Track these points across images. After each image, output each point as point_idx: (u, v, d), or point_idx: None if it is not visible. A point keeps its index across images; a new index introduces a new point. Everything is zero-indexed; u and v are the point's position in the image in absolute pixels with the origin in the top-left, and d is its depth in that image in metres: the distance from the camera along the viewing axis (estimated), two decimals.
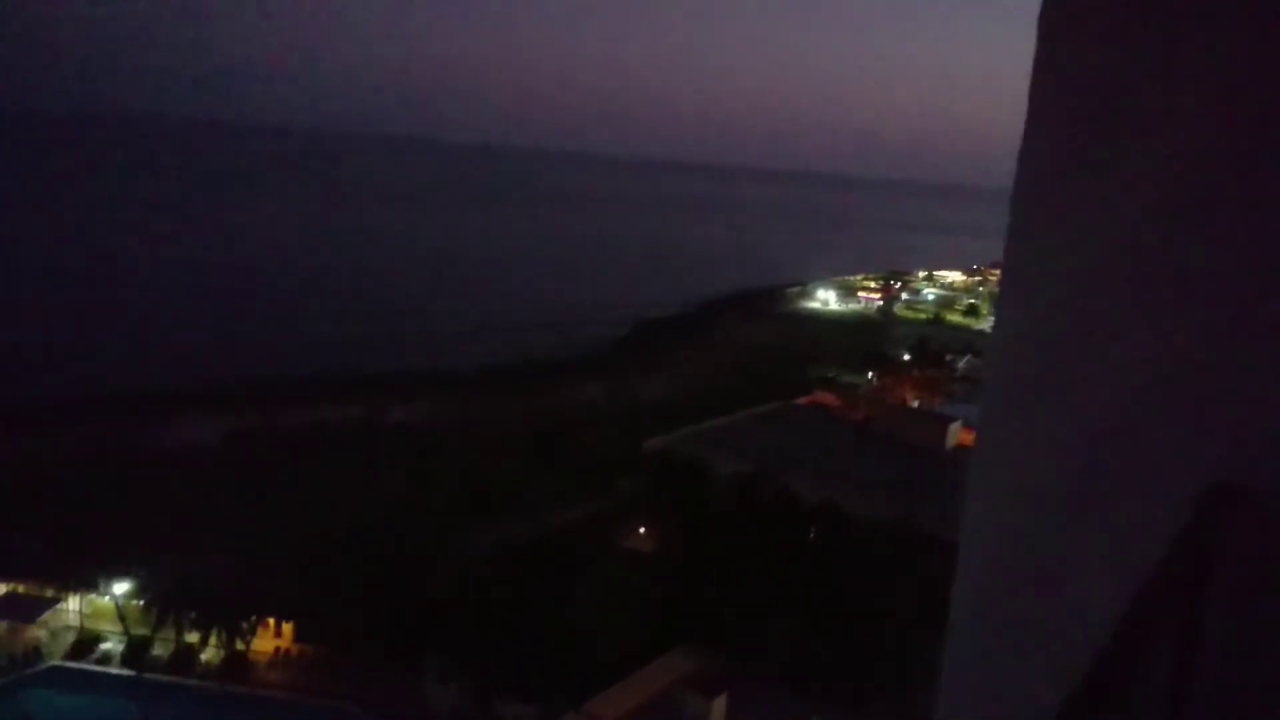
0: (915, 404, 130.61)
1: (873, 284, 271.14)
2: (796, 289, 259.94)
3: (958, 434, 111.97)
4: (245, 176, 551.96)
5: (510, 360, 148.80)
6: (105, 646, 59.84)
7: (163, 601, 59.83)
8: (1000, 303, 3.07)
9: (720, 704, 48.58)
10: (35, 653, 58.84)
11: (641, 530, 73.53)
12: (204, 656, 58.91)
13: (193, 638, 59.25)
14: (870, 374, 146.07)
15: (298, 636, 60.84)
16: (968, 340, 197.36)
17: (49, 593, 62.35)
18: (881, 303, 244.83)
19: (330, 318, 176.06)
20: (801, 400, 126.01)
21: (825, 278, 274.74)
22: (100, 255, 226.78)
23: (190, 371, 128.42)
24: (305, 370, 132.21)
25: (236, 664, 58.16)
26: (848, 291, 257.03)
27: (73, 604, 62.70)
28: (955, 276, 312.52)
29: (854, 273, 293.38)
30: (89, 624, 62.00)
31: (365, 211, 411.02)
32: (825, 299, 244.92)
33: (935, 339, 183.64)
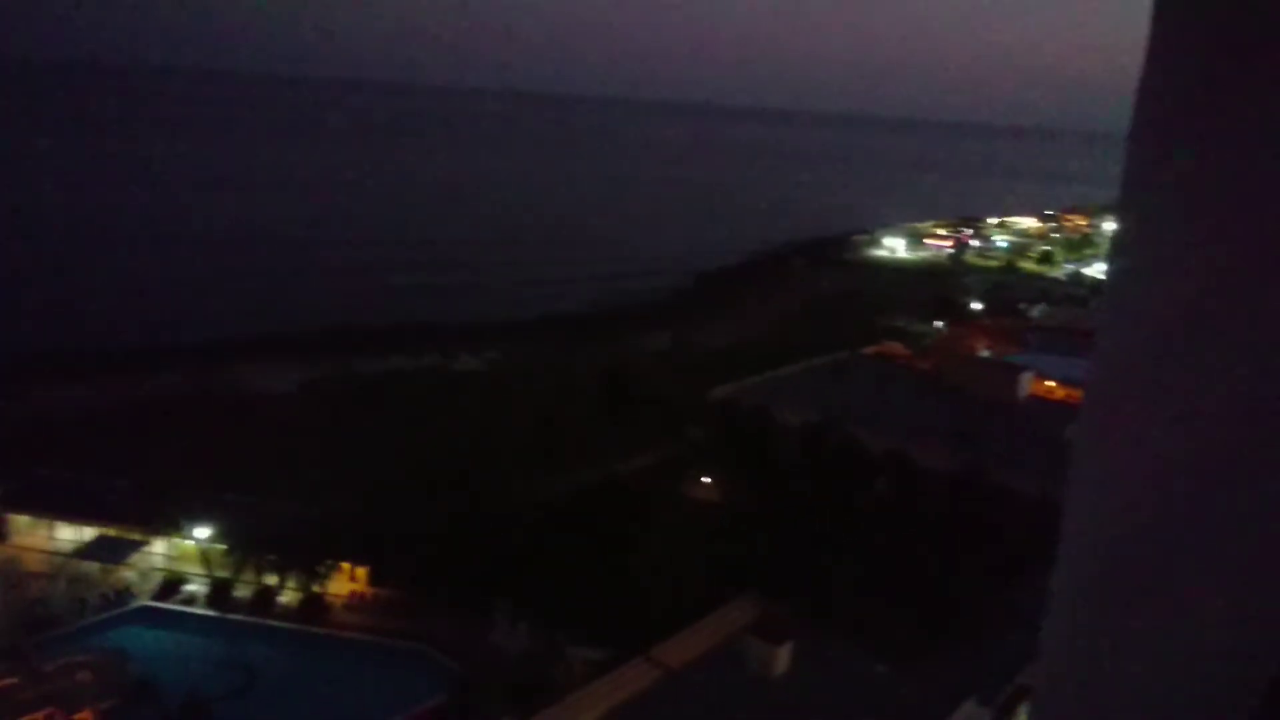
0: (986, 354, 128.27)
1: (943, 231, 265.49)
2: (865, 236, 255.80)
3: (1029, 384, 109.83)
4: (306, 130, 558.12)
5: (578, 309, 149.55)
6: (190, 588, 62.25)
7: (243, 545, 61.99)
8: (1107, 302, 2.78)
9: (785, 651, 48.93)
10: (126, 592, 61.53)
11: (707, 480, 73.88)
12: (282, 599, 60.97)
13: (272, 580, 61.34)
14: (939, 323, 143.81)
15: (372, 580, 62.61)
16: (1042, 288, 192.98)
17: (137, 535, 64.94)
18: (952, 250, 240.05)
19: (400, 268, 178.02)
20: (869, 350, 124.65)
21: (894, 224, 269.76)
22: (174, 211, 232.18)
23: (266, 321, 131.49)
24: (377, 320, 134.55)
25: (314, 606, 60.09)
26: (917, 239, 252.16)
27: (159, 546, 65.25)
28: (1029, 223, 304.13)
29: (923, 219, 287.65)
30: (175, 566, 64.52)
31: (429, 162, 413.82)
32: (894, 247, 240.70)
33: (1008, 287, 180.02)
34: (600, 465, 73.45)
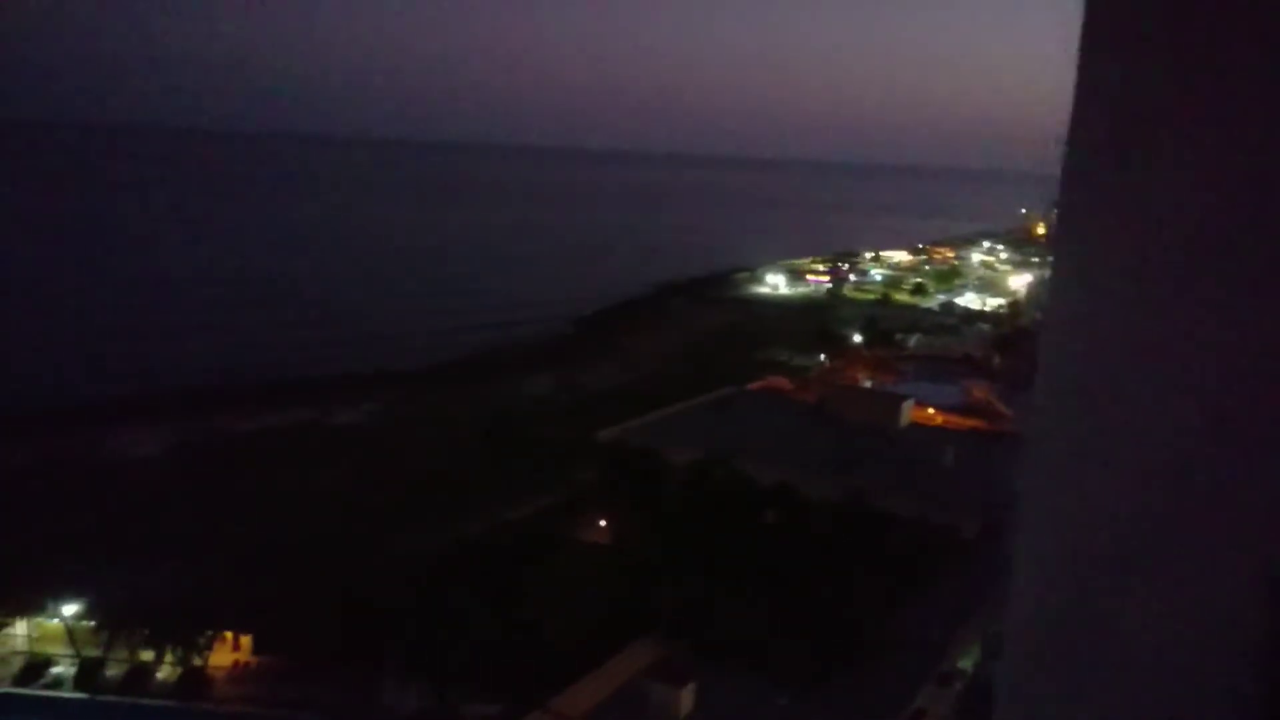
0: (867, 384, 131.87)
1: (821, 266, 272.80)
2: (745, 274, 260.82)
3: (909, 412, 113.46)
4: (189, 181, 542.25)
5: (457, 356, 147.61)
6: (56, 670, 58.37)
7: (114, 620, 58.52)
8: (1044, 331, 2.68)
9: (688, 693, 48.72)
10: None
11: (600, 523, 73.42)
12: (160, 675, 57.70)
13: (147, 656, 58.03)
14: (821, 356, 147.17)
15: (256, 648, 59.89)
16: (915, 318, 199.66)
17: None
18: (830, 285, 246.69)
19: (271, 321, 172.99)
20: (753, 385, 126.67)
21: (773, 261, 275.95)
22: (38, 265, 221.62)
23: (130, 380, 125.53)
24: (248, 376, 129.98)
25: (194, 680, 57.04)
26: (796, 275, 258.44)
27: (19, 628, 61.08)
28: (901, 256, 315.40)
29: (801, 256, 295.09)
30: (37, 647, 60.45)
31: (313, 211, 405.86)
32: (774, 283, 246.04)
33: (884, 318, 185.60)
34: (488, 513, 72.31)
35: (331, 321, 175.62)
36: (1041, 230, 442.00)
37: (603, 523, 73.29)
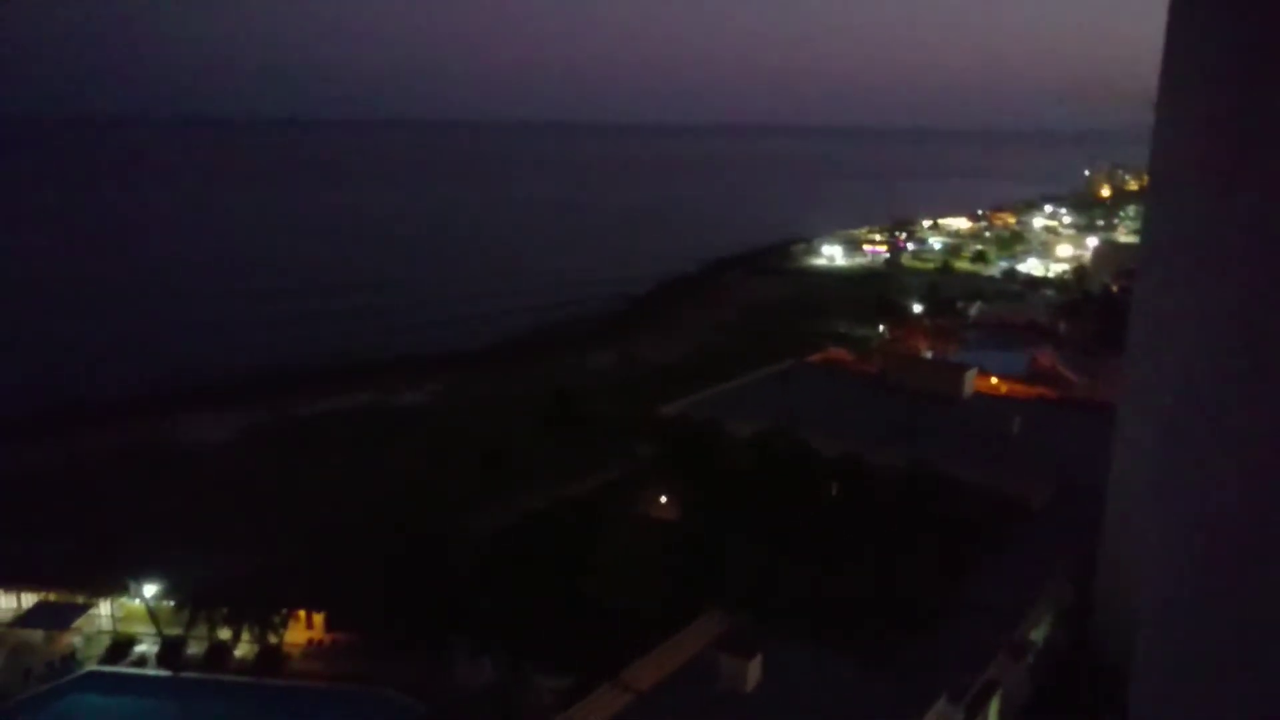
0: (928, 354, 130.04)
1: (878, 236, 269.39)
2: (801, 245, 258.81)
3: (973, 381, 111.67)
4: (240, 171, 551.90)
5: (515, 335, 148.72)
6: (140, 648, 60.29)
7: (193, 601, 60.21)
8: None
9: (756, 665, 48.63)
10: (71, 658, 59.43)
11: (662, 498, 73.52)
12: (238, 652, 59.31)
13: (225, 634, 59.62)
14: (881, 326, 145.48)
15: (330, 626, 61.18)
16: (977, 286, 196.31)
17: (80, 599, 62.80)
18: (888, 254, 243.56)
19: (329, 306, 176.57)
20: (814, 357, 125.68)
21: (829, 232, 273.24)
22: (103, 259, 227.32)
23: (203, 368, 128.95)
24: (311, 360, 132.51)
25: (271, 657, 58.52)
26: (853, 245, 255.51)
27: (105, 608, 63.18)
28: (961, 223, 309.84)
29: (859, 225, 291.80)
30: (122, 627, 62.51)
31: (362, 195, 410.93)
32: (831, 254, 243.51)
33: (945, 287, 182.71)
34: (552, 489, 72.84)
35: (389, 305, 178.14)
36: (1105, 192, 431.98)
37: (665, 497, 73.43)
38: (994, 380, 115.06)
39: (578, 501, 69.73)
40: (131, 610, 63.38)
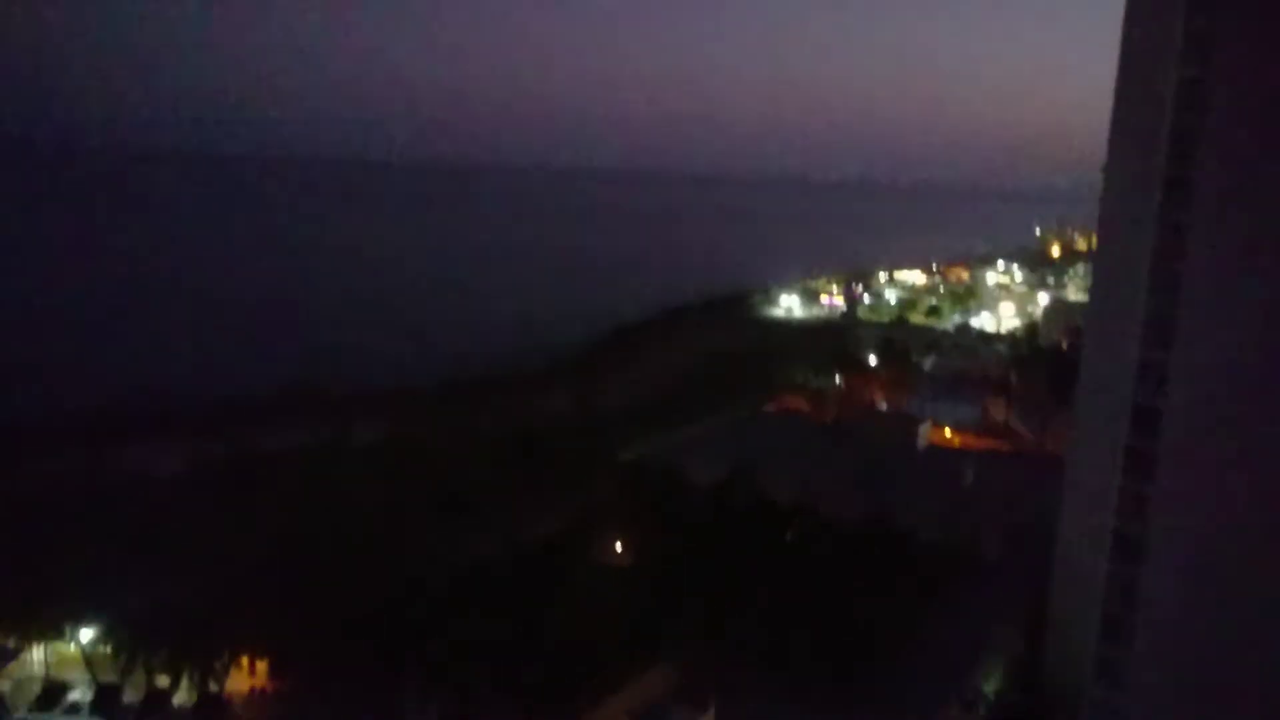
0: (884, 405, 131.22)
1: (835, 287, 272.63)
2: (760, 295, 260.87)
3: (928, 432, 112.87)
4: (204, 204, 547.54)
5: (475, 373, 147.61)
6: (73, 696, 58.06)
7: (131, 645, 58.25)
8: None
9: (709, 718, 48.13)
10: None
11: (619, 542, 72.91)
12: (177, 700, 57.36)
13: (164, 681, 57.70)
14: (838, 377, 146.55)
15: (273, 672, 59.54)
16: (931, 339, 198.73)
17: (11, 643, 60.53)
18: (845, 307, 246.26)
19: (290, 339, 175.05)
20: (771, 405, 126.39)
21: (787, 281, 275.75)
22: (53, 282, 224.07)
23: (150, 397, 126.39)
24: (269, 391, 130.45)
25: (212, 705, 56.65)
26: (811, 295, 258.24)
27: (37, 654, 60.92)
28: (916, 276, 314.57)
29: (815, 275, 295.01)
30: (55, 672, 60.25)
31: (331, 232, 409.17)
32: (789, 304, 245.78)
33: (900, 339, 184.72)
34: (507, 533, 71.92)
35: (350, 339, 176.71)
36: (1056, 251, 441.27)
37: (622, 541, 72.83)
38: (948, 431, 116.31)
39: (534, 545, 68.99)
40: (66, 655, 61.20)
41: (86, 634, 59.80)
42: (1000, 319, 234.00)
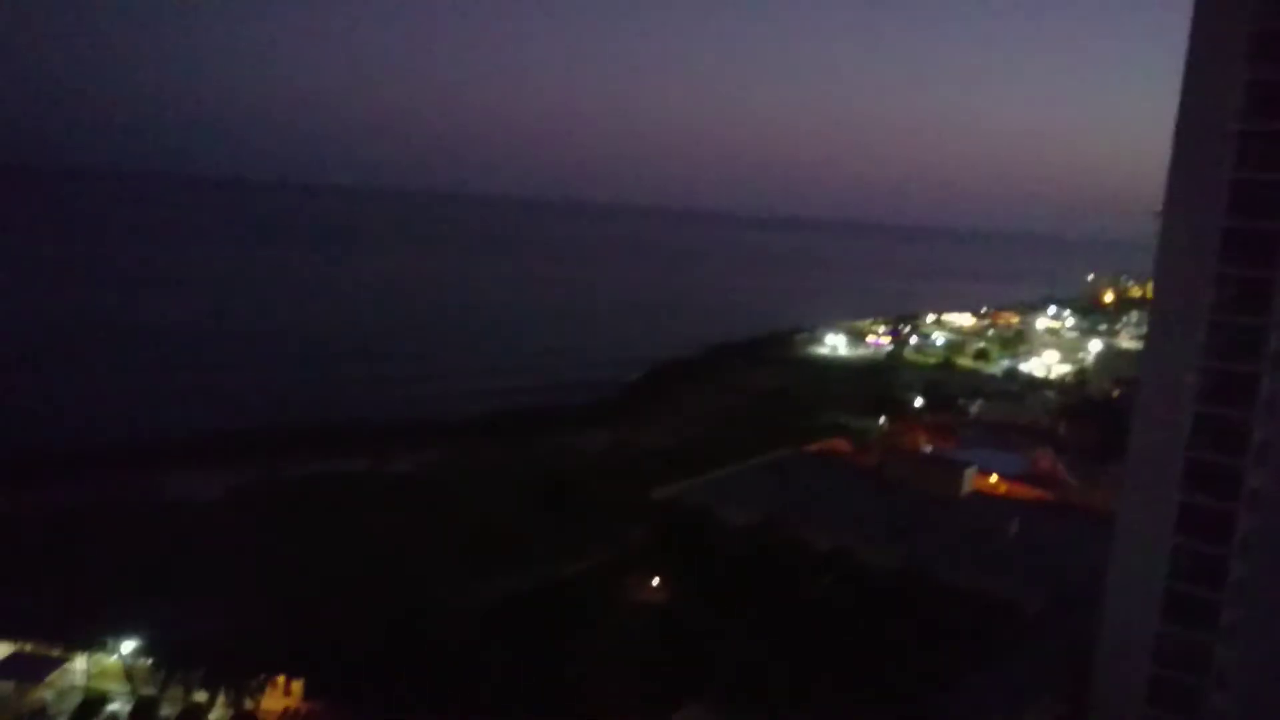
0: (928, 449, 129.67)
1: (881, 328, 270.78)
2: (804, 334, 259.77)
3: (972, 480, 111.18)
4: (247, 230, 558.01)
5: (512, 410, 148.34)
6: (112, 707, 58.95)
7: (170, 660, 59.09)
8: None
9: None
10: (41, 713, 58.07)
11: (652, 582, 72.60)
12: (212, 716, 58.02)
13: (200, 697, 58.39)
14: (881, 419, 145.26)
15: (307, 694, 59.96)
16: (978, 383, 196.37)
17: (55, 653, 61.63)
18: (890, 348, 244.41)
19: (328, 370, 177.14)
20: (813, 447, 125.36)
21: (832, 322, 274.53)
22: (100, 310, 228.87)
23: (192, 424, 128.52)
24: (306, 423, 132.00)
25: None
26: (856, 336, 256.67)
27: (79, 664, 61.97)
28: (964, 320, 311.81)
29: (861, 317, 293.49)
30: (95, 683, 61.20)
31: (369, 261, 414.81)
32: (834, 344, 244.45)
33: (946, 383, 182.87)
34: (542, 569, 71.98)
35: (387, 372, 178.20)
36: (1109, 297, 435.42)
37: (655, 582, 72.50)
38: (993, 479, 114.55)
39: (566, 583, 68.95)
40: (107, 667, 62.12)
41: (128, 647, 60.69)
42: (1049, 365, 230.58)
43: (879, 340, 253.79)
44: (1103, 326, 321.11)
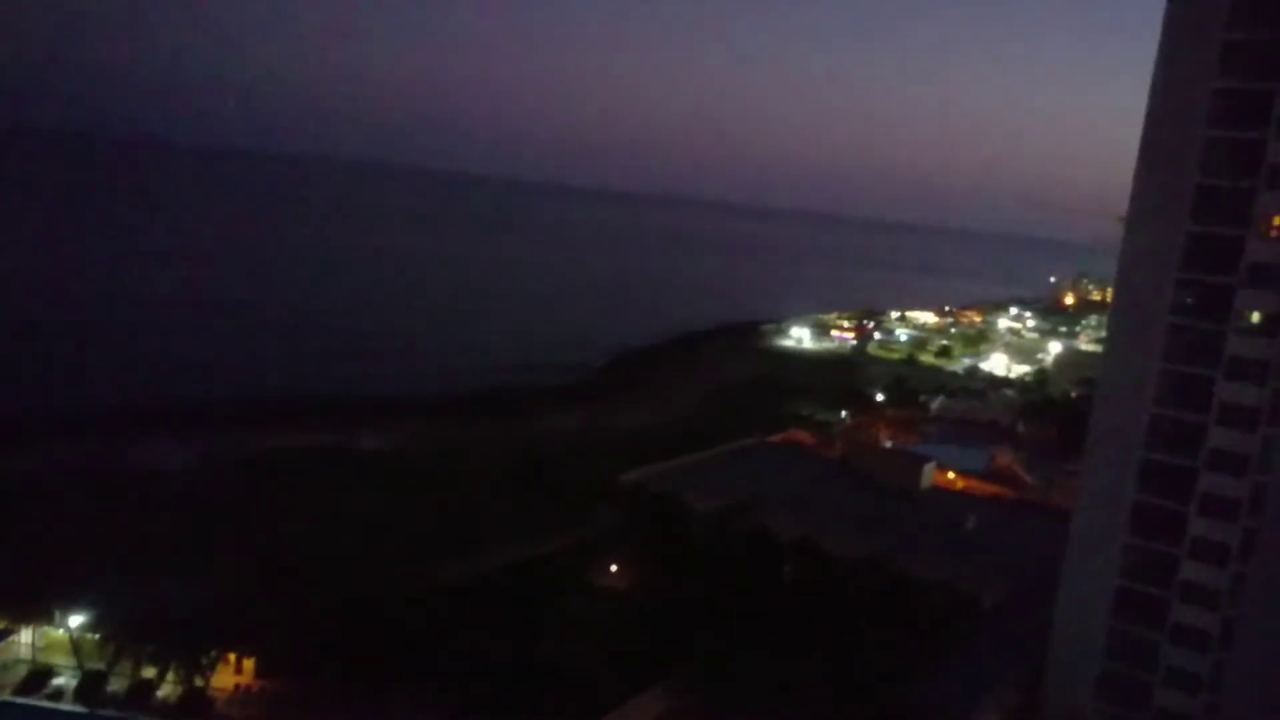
0: (889, 444, 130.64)
1: (846, 323, 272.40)
2: (771, 325, 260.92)
3: (931, 474, 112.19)
4: (225, 200, 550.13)
5: (484, 390, 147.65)
6: (58, 681, 57.80)
7: (119, 635, 58.04)
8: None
9: None
10: None
11: (618, 566, 72.55)
12: (161, 693, 57.08)
13: (150, 673, 57.46)
14: (844, 412, 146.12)
15: (260, 671, 59.23)
16: (940, 380, 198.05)
17: (1, 625, 60.42)
18: (855, 342, 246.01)
19: (308, 342, 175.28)
20: (777, 437, 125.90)
21: (799, 314, 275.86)
22: (69, 275, 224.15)
23: (160, 392, 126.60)
24: (280, 394, 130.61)
25: (195, 701, 56.34)
26: (822, 329, 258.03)
27: (25, 636, 60.70)
28: (928, 317, 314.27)
29: (827, 310, 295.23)
30: (42, 657, 60.01)
31: (344, 236, 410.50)
32: (800, 336, 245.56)
33: (909, 378, 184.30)
34: (508, 548, 71.67)
35: (359, 347, 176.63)
36: (1070, 300, 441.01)
37: (620, 566, 72.45)
38: (952, 475, 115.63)
39: (535, 563, 68.76)
40: (54, 640, 60.95)
41: (76, 620, 59.60)
42: (1010, 364, 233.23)
43: (844, 335, 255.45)
44: (1063, 328, 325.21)
